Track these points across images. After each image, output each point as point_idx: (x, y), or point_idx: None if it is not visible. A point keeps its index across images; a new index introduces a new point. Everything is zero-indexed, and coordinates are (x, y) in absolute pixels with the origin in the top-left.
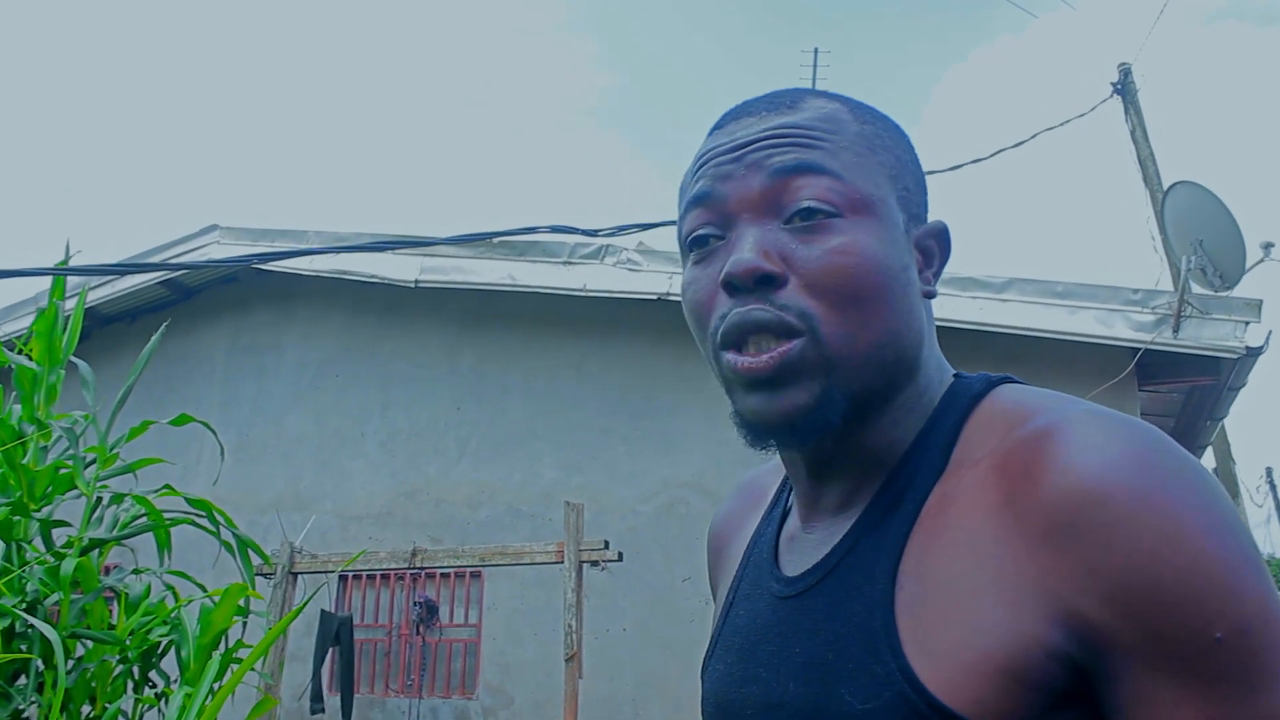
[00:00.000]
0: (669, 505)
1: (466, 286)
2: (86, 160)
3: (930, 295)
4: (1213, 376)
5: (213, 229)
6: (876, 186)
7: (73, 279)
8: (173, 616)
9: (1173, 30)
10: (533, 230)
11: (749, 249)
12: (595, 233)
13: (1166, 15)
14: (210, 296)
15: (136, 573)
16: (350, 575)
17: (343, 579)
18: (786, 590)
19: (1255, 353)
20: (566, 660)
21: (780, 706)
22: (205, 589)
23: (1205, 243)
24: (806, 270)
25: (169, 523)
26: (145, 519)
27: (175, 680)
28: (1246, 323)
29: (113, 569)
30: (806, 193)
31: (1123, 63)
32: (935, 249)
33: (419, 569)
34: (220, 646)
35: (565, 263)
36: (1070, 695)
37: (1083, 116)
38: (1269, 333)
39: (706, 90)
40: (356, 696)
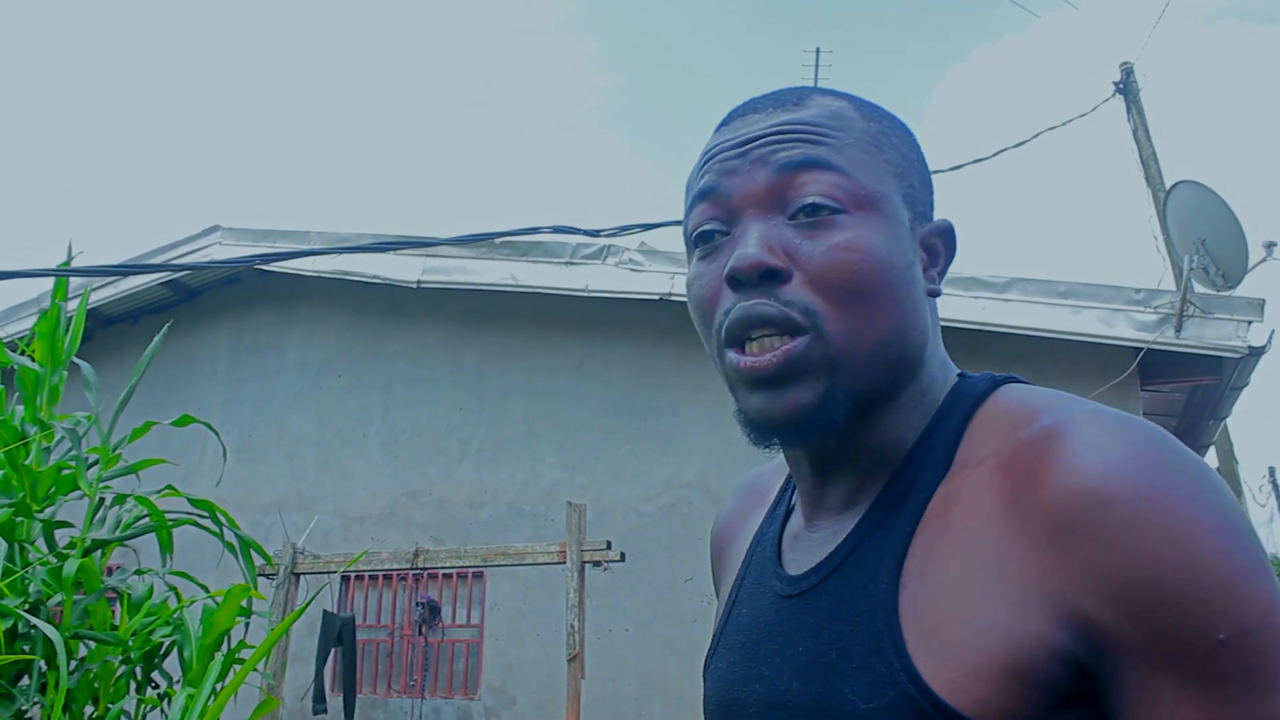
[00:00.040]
0: (671, 505)
1: (468, 287)
2: (88, 161)
3: (935, 294)
4: (1215, 376)
5: (215, 230)
6: (882, 183)
7: (75, 280)
8: (175, 617)
9: (1174, 29)
10: (535, 230)
11: (753, 244)
12: (597, 233)
13: (1168, 14)
14: (212, 297)
15: (139, 573)
16: (352, 576)
17: (345, 579)
18: (790, 589)
19: (1258, 352)
20: (569, 660)
21: (783, 705)
22: (208, 589)
23: (1207, 242)
24: (811, 266)
25: (171, 523)
26: (148, 520)
27: (178, 681)
28: (1249, 322)
29: (115, 570)
30: (811, 188)
31: (1124, 62)
32: (940, 247)
33: (421, 569)
34: (223, 647)
35: (567, 263)
36: (1074, 695)
37: (1085, 116)
38: (1271, 332)
39: (707, 90)
40: (359, 697)
